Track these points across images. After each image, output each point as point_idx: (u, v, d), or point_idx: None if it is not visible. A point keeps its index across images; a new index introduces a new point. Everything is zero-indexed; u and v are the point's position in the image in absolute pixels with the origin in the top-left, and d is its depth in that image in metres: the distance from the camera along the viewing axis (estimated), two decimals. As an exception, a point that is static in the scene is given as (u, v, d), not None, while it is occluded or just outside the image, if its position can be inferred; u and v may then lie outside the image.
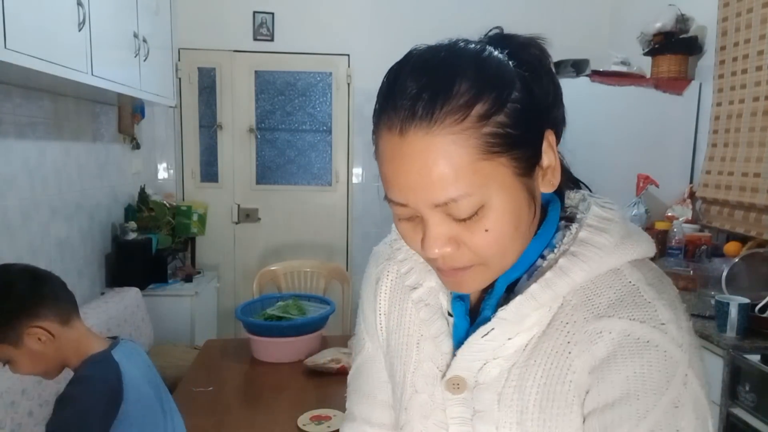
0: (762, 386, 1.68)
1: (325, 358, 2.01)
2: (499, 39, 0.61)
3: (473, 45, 0.58)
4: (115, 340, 1.34)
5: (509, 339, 0.62)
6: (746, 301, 1.86)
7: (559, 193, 0.66)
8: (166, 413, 1.38)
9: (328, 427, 1.65)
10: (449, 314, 0.69)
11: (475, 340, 0.63)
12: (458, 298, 0.68)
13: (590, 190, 0.70)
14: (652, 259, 0.65)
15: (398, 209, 0.59)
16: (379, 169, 0.59)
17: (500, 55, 0.57)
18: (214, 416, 1.73)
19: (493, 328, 0.62)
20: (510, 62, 0.57)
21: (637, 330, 0.56)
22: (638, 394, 0.55)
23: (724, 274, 2.16)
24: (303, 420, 1.69)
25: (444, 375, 0.67)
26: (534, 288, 0.60)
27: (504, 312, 0.61)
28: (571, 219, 0.65)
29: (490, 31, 0.63)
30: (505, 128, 0.54)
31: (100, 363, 1.25)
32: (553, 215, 0.65)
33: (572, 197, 0.69)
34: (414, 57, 0.58)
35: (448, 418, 0.67)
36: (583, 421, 0.59)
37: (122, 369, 1.26)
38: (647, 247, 0.62)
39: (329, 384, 1.93)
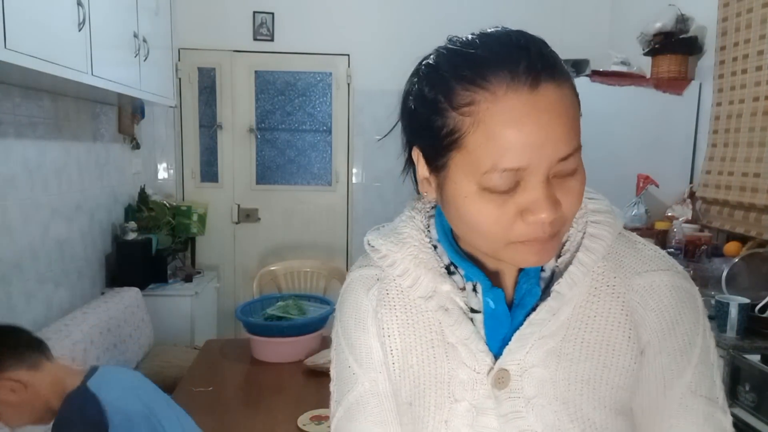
0: (762, 386, 1.68)
1: (325, 358, 2.01)
2: None
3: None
4: (90, 369, 1.33)
5: (553, 315, 0.64)
6: (746, 301, 1.86)
7: None
8: (169, 419, 1.37)
9: (328, 427, 1.65)
10: (473, 311, 0.67)
11: (535, 319, 0.64)
12: (493, 287, 0.67)
13: None
14: None
15: (502, 180, 0.56)
16: (478, 141, 0.55)
17: None
18: (214, 416, 1.73)
19: (549, 304, 0.64)
20: None
21: (669, 278, 0.66)
22: (687, 332, 0.65)
23: (724, 274, 2.16)
24: (303, 420, 1.69)
25: (489, 373, 0.65)
26: (580, 256, 0.65)
27: (560, 286, 0.64)
28: None
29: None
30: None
31: (75, 400, 1.24)
32: None
33: None
34: (493, 29, 0.60)
35: (498, 416, 0.65)
36: (640, 360, 0.65)
37: (100, 398, 1.25)
38: (621, 213, 0.71)
39: (329, 384, 1.93)
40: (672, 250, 2.61)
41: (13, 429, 1.28)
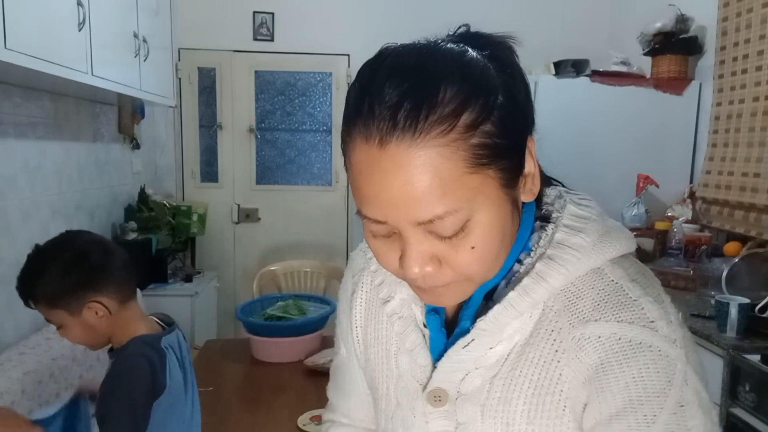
0: (762, 386, 1.68)
1: (325, 358, 2.00)
2: (471, 38, 0.57)
3: (453, 46, 0.53)
4: (168, 329, 1.36)
5: (490, 348, 0.59)
6: (746, 301, 1.86)
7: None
8: (193, 404, 1.40)
9: (328, 427, 1.65)
10: (424, 326, 0.66)
11: (455, 351, 0.60)
12: (432, 311, 0.65)
13: (563, 186, 0.67)
14: (652, 259, 0.63)
15: (374, 226, 0.54)
16: (350, 181, 0.54)
17: (481, 57, 0.53)
18: (214, 416, 1.72)
19: (473, 339, 0.59)
20: (490, 65, 0.53)
21: (627, 332, 0.54)
22: (641, 399, 0.52)
23: (724, 274, 2.16)
24: (303, 420, 1.69)
25: (425, 388, 0.64)
26: (512, 296, 0.57)
27: (483, 323, 0.58)
28: (546, 218, 0.62)
29: (458, 28, 0.58)
30: (493, 138, 0.50)
31: (146, 347, 1.25)
32: (527, 216, 0.61)
33: (548, 194, 0.64)
34: (390, 58, 0.52)
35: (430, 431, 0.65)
36: (575, 425, 0.57)
37: (168, 358, 1.28)
38: (627, 243, 0.59)
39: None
40: (672, 250, 2.62)
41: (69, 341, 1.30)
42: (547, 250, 0.58)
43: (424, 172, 0.48)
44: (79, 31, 1.86)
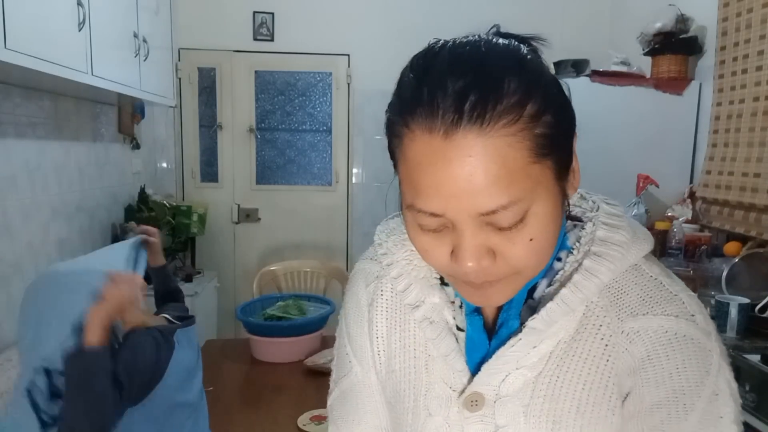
0: (762, 386, 1.68)
1: (325, 358, 2.01)
2: (506, 37, 0.57)
3: (505, 41, 0.54)
4: (185, 323, 1.44)
5: (533, 347, 0.60)
6: (746, 301, 1.86)
7: None
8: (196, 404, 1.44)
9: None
10: (458, 329, 0.65)
11: (503, 353, 0.60)
12: (473, 312, 0.64)
13: None
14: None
15: (427, 220, 0.53)
16: (403, 174, 0.54)
17: (531, 52, 0.54)
18: (214, 416, 1.72)
19: (521, 339, 0.59)
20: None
21: (673, 325, 0.57)
22: (683, 389, 0.55)
23: (724, 274, 2.16)
24: (303, 420, 1.69)
25: (462, 393, 0.63)
26: (564, 293, 0.58)
27: (535, 321, 0.59)
28: (575, 218, 0.64)
29: (491, 28, 0.59)
30: (552, 128, 0.51)
31: (156, 335, 1.32)
32: None
33: (571, 197, 0.65)
34: (446, 51, 0.52)
35: None
36: (625, 422, 0.58)
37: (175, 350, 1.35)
38: (651, 240, 0.62)
39: (330, 380, 1.93)
40: (672, 250, 2.62)
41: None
42: (592, 248, 0.59)
43: (492, 162, 0.49)
44: (79, 31, 1.86)
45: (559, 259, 0.61)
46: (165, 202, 3.27)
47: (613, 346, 0.58)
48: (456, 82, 0.49)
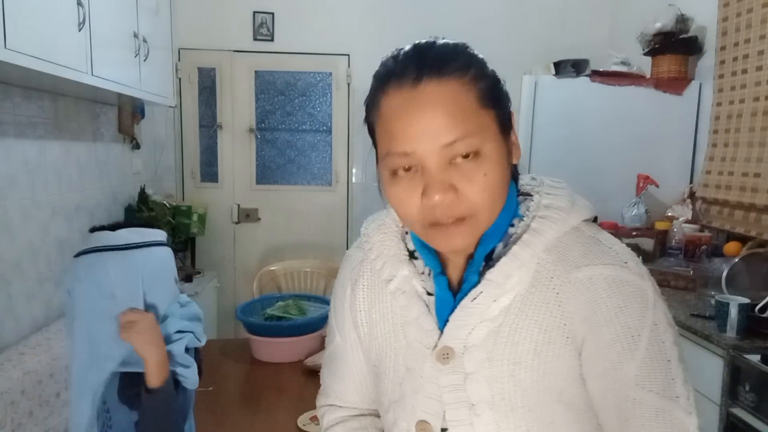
0: (762, 386, 1.68)
1: (325, 358, 2.01)
2: None
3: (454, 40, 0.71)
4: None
5: (494, 301, 0.70)
6: (746, 301, 1.86)
7: (513, 176, 0.77)
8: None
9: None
10: (429, 294, 0.76)
11: (466, 304, 0.71)
12: (440, 274, 0.75)
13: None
14: (652, 259, 0.69)
15: (401, 160, 0.66)
16: (380, 132, 0.69)
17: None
18: (214, 416, 1.73)
19: (481, 291, 0.70)
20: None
21: (611, 272, 0.68)
22: (629, 324, 0.66)
23: (724, 274, 2.16)
24: (303, 420, 1.69)
25: (434, 349, 0.73)
26: (515, 249, 0.70)
27: (491, 274, 0.70)
28: (526, 194, 0.76)
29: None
30: (490, 89, 0.68)
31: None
32: (512, 191, 0.74)
33: (523, 178, 0.80)
34: (411, 44, 0.70)
35: (440, 388, 0.73)
36: (582, 362, 0.68)
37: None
38: (591, 208, 0.75)
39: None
40: (672, 250, 2.62)
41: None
42: (538, 213, 0.72)
43: (450, 102, 0.64)
44: (79, 31, 1.86)
45: (512, 225, 0.73)
46: (165, 202, 3.27)
47: (563, 293, 0.69)
48: (418, 56, 0.67)
